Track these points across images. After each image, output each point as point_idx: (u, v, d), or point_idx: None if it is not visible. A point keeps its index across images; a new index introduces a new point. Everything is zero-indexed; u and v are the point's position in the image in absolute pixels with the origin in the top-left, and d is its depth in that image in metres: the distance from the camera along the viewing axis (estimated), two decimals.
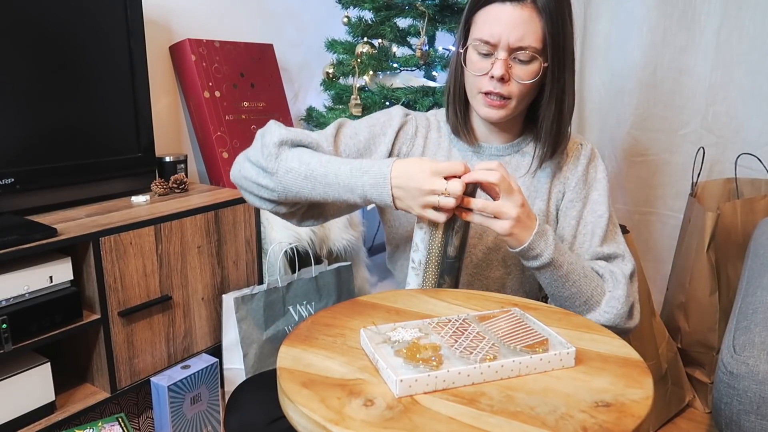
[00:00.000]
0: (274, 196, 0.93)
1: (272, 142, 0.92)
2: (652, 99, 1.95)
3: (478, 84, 0.98)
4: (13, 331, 1.10)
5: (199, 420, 1.40)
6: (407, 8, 1.77)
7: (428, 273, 0.90)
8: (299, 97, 2.16)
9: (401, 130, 1.06)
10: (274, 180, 0.92)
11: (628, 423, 0.56)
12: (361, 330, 0.71)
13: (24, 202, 1.30)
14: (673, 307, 1.79)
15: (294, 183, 0.91)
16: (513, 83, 0.96)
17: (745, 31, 1.77)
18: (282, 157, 0.92)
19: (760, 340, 0.97)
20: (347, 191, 0.89)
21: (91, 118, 1.39)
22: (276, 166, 0.91)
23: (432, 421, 0.56)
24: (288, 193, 0.92)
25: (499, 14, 0.93)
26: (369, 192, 0.88)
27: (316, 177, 0.90)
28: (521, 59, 0.95)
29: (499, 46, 0.94)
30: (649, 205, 2.04)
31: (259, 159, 0.93)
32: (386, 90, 1.77)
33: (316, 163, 0.90)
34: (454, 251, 0.89)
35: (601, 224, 1.03)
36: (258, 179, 0.93)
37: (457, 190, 0.83)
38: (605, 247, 1.02)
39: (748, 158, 1.77)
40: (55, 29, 1.31)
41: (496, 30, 0.94)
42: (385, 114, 1.08)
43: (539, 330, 0.72)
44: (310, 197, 0.92)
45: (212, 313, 1.47)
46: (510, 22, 0.93)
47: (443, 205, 0.84)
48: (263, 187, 0.93)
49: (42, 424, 1.19)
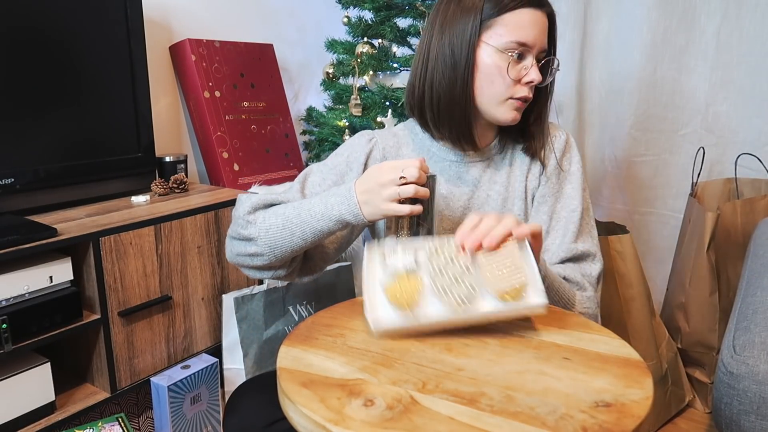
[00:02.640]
0: (266, 260, 0.94)
1: (244, 212, 0.95)
2: (652, 99, 1.95)
3: (511, 90, 0.96)
4: (13, 331, 1.10)
5: (199, 420, 1.40)
6: (407, 8, 1.77)
7: None
8: (299, 97, 2.16)
9: (369, 158, 1.05)
10: (259, 244, 0.93)
11: (628, 423, 0.56)
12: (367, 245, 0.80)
13: (24, 202, 1.30)
14: (673, 307, 1.79)
15: (276, 237, 0.92)
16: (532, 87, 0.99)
17: (745, 32, 1.77)
18: (258, 221, 0.94)
19: (760, 340, 0.97)
20: (322, 220, 0.90)
21: (91, 118, 1.39)
22: (256, 231, 0.93)
23: (432, 421, 0.56)
24: (275, 250, 0.93)
25: (533, 19, 0.94)
26: (339, 210, 0.88)
27: (292, 221, 0.91)
28: (541, 61, 0.97)
29: (532, 51, 0.96)
30: (649, 205, 2.04)
31: (239, 231, 0.95)
32: (386, 90, 1.77)
33: (290, 209, 0.93)
34: None
35: (574, 219, 1.02)
36: (246, 250, 0.95)
37: (414, 175, 0.84)
38: (579, 244, 1.01)
39: (748, 158, 1.76)
40: (55, 29, 1.31)
41: (531, 35, 0.94)
42: (348, 147, 1.07)
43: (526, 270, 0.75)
44: (295, 246, 0.92)
45: (212, 313, 1.47)
46: (541, 27, 0.95)
47: (403, 193, 0.84)
48: (254, 256, 0.95)
49: (42, 424, 1.19)
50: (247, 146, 1.80)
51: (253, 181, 1.76)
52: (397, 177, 0.84)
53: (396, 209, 0.85)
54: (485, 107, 0.99)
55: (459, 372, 0.66)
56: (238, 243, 0.96)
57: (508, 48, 0.94)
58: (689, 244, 1.72)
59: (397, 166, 0.85)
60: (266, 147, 1.86)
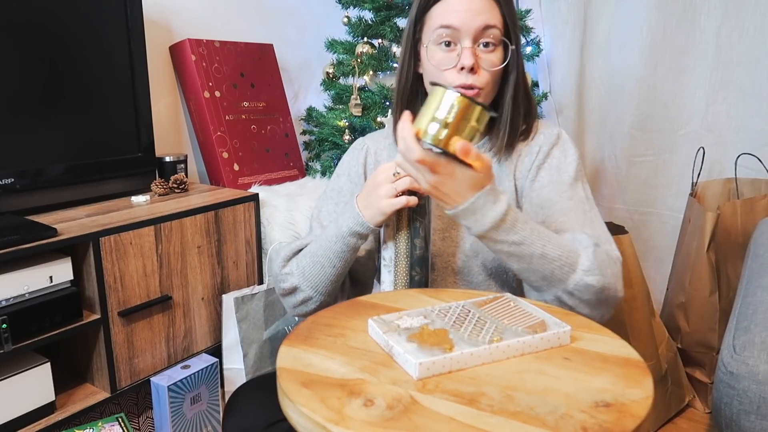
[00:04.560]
0: (317, 301, 0.99)
1: (279, 268, 1.00)
2: (652, 99, 1.95)
3: (447, 79, 0.95)
4: (13, 331, 1.10)
5: (199, 420, 1.40)
6: (407, 8, 1.77)
7: (399, 268, 0.94)
8: (299, 97, 2.16)
9: (365, 166, 1.09)
10: (303, 289, 0.98)
11: (628, 423, 0.56)
12: (369, 320, 0.74)
13: (24, 202, 1.30)
14: (673, 307, 1.79)
15: (313, 275, 0.97)
16: (482, 72, 0.95)
17: (745, 31, 1.77)
18: (293, 269, 0.99)
19: (760, 340, 0.97)
20: (339, 241, 0.94)
21: (91, 117, 1.39)
22: (296, 280, 0.98)
23: (432, 421, 0.56)
24: (318, 287, 0.97)
25: (458, 3, 0.93)
26: (348, 225, 0.92)
27: (317, 254, 0.96)
28: (486, 43, 0.94)
29: (462, 33, 0.93)
30: (649, 205, 2.04)
31: (283, 288, 1.00)
32: (386, 90, 1.77)
33: (314, 245, 0.98)
34: (421, 242, 0.93)
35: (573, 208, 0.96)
36: (297, 299, 1.00)
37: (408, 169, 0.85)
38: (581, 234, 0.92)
39: (748, 158, 1.77)
40: (55, 29, 1.31)
41: (458, 17, 0.93)
42: (345, 166, 1.11)
43: (534, 312, 0.76)
44: (330, 276, 0.96)
45: (212, 313, 1.47)
46: (471, 9, 0.92)
47: (400, 186, 0.86)
48: (305, 302, 0.99)
49: (42, 424, 1.19)
50: (247, 146, 1.80)
51: (253, 181, 1.77)
52: (391, 175, 0.87)
53: (393, 203, 0.88)
54: None
55: (459, 372, 0.66)
56: (287, 298, 1.01)
57: (437, 37, 0.95)
58: (689, 244, 1.72)
59: (390, 166, 0.88)
60: (266, 147, 1.86)
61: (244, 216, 1.51)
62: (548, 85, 2.11)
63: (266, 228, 1.57)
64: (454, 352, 0.66)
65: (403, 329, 0.71)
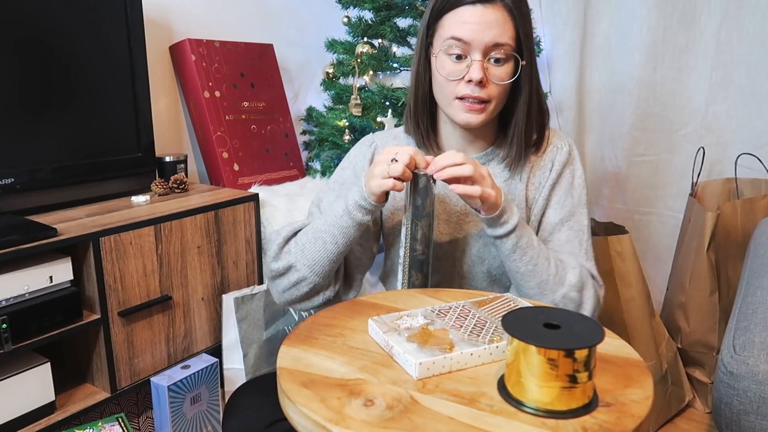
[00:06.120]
0: (310, 283, 0.97)
1: (278, 247, 0.99)
2: (652, 99, 1.95)
3: (454, 90, 0.96)
4: (13, 331, 1.10)
5: (199, 420, 1.40)
6: (407, 8, 1.77)
7: (404, 269, 0.95)
8: (299, 97, 2.16)
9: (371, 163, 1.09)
10: (299, 268, 0.97)
11: (628, 423, 0.56)
12: (369, 320, 0.74)
13: (24, 202, 1.30)
14: (673, 307, 1.79)
15: (312, 252, 0.96)
16: (491, 86, 0.95)
17: (745, 31, 1.77)
18: (291, 248, 0.98)
19: (760, 340, 0.97)
20: (345, 213, 0.94)
21: (91, 117, 1.39)
22: (293, 257, 0.97)
23: (432, 421, 0.56)
24: (315, 266, 0.96)
25: (471, 16, 0.92)
26: (354, 198, 0.93)
27: (321, 229, 0.96)
28: (497, 59, 0.94)
29: (473, 47, 0.93)
30: (649, 205, 2.04)
31: (278, 267, 0.99)
32: (386, 90, 1.77)
33: (317, 222, 0.98)
34: (420, 245, 0.93)
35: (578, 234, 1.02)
36: (289, 280, 0.98)
37: (404, 159, 0.88)
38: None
39: (748, 158, 1.77)
40: (55, 29, 1.31)
41: (469, 31, 0.92)
42: (351, 159, 1.12)
43: None
44: (330, 255, 0.95)
45: (212, 313, 1.47)
46: (483, 22, 0.92)
47: (392, 171, 0.88)
48: (298, 283, 0.98)
49: (42, 424, 1.19)
50: (247, 146, 1.80)
51: (253, 181, 1.76)
52: (389, 159, 0.89)
53: (380, 183, 0.89)
54: (444, 110, 1.02)
55: (459, 372, 0.66)
56: (280, 280, 0.99)
57: (448, 47, 0.95)
58: (689, 243, 1.72)
59: (393, 149, 0.90)
60: (266, 147, 1.86)
61: (244, 216, 1.51)
62: (548, 85, 2.11)
63: (266, 228, 1.57)
64: (454, 352, 0.66)
65: (403, 329, 0.72)
